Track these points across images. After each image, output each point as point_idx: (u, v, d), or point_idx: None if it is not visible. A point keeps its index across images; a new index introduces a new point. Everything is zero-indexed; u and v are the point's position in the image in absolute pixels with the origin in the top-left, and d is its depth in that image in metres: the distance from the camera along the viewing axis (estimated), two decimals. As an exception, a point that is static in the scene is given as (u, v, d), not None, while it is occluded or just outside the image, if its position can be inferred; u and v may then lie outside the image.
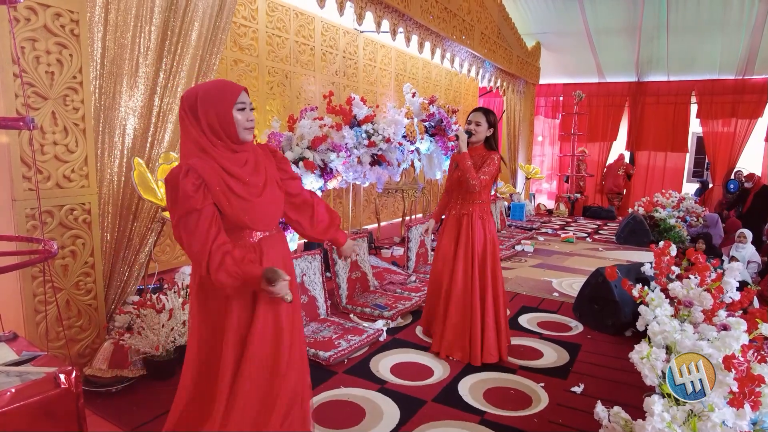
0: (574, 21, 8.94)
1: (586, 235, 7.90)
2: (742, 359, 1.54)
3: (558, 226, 8.67)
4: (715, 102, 9.99)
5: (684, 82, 10.22)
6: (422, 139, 5.70)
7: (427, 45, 5.94)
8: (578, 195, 10.46)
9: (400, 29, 5.28)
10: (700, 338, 1.92)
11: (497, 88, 8.85)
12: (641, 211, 7.48)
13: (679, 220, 7.27)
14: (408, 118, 5.82)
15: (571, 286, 4.79)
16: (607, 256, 6.33)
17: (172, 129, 2.99)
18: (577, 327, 3.70)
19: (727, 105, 9.89)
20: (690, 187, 10.34)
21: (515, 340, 3.39)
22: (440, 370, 2.89)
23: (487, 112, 3.01)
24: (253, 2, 4.96)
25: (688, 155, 10.66)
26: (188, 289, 3.03)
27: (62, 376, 1.77)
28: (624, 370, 2.94)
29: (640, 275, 3.42)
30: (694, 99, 10.25)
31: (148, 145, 2.92)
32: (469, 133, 2.96)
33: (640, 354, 1.73)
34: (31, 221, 2.37)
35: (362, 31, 6.39)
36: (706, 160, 10.35)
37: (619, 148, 11.03)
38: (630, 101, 10.72)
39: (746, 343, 1.73)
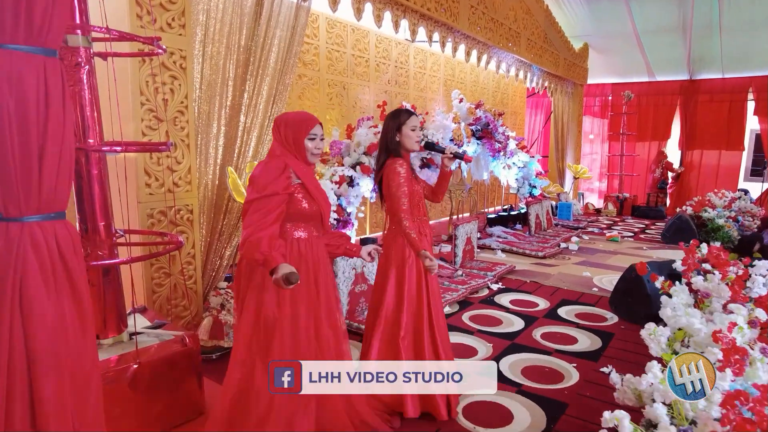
0: (621, 22, 9.01)
1: (632, 234, 8.01)
2: (728, 334, 1.86)
3: (605, 226, 8.80)
4: (774, 98, 9.75)
5: (740, 79, 10.02)
6: (469, 142, 6.06)
7: (474, 53, 6.30)
8: (626, 195, 10.51)
9: (449, 40, 5.67)
10: (707, 321, 2.24)
11: (544, 89, 9.06)
12: (689, 210, 7.51)
13: (730, 219, 7.24)
14: (455, 123, 6.21)
15: (611, 282, 5.02)
16: (651, 255, 6.48)
17: (254, 142, 3.54)
18: (612, 318, 4.00)
19: (787, 101, 9.64)
20: (749, 186, 10.13)
21: (554, 328, 3.74)
22: (483, 351, 3.29)
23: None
24: (315, 21, 5.48)
25: (745, 153, 10.45)
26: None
27: (187, 338, 2.31)
28: (650, 356, 3.24)
29: (672, 271, 3.70)
30: (751, 96, 10.05)
31: (235, 155, 3.48)
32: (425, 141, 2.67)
33: (648, 331, 2.08)
34: (150, 219, 2.95)
35: (413, 41, 6.81)
36: (765, 158, 10.11)
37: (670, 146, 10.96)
38: (682, 100, 10.62)
39: (744, 326, 2.04)
